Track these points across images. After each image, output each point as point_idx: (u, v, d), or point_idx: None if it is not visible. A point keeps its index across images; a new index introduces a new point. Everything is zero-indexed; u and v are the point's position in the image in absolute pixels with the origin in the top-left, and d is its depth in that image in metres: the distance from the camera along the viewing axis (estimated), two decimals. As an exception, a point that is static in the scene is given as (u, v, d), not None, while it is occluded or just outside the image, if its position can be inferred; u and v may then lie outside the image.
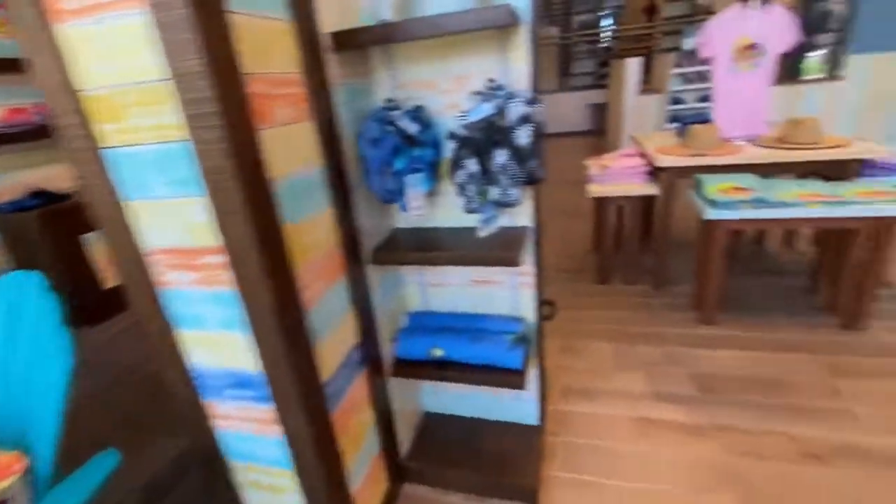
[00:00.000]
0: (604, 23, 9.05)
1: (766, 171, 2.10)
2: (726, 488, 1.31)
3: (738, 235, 2.95)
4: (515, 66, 1.10)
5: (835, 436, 1.45)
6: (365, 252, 1.17)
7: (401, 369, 1.32)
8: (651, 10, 8.11)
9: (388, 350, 1.33)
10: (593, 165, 2.61)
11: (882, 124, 3.98)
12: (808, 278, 2.36)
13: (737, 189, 1.90)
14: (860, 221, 1.76)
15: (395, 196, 1.08)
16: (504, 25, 0.92)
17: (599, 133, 7.26)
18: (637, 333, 2.11)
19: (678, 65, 4.79)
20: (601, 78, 8.09)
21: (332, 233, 1.03)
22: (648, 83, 5.46)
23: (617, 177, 2.43)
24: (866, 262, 1.85)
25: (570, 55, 8.91)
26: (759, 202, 1.82)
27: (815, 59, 4.25)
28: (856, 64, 3.85)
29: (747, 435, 1.49)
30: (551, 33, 8.30)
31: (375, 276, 1.24)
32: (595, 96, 7.57)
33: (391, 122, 1.04)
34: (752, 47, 2.35)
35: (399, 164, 1.04)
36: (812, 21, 4.17)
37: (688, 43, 5.03)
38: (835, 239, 2.08)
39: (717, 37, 2.32)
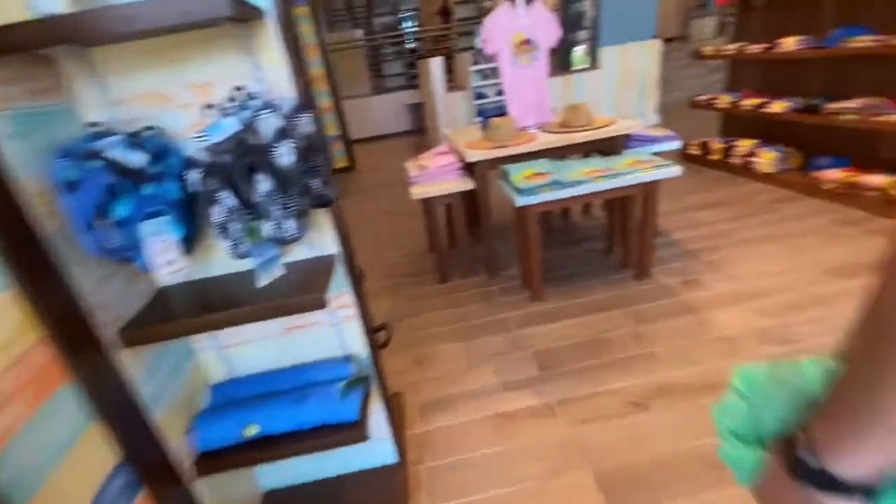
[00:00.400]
0: (405, 24, 9.36)
1: (557, 153, 2.32)
2: (578, 462, 1.37)
3: (547, 214, 3.27)
4: (270, 68, 0.91)
5: (647, 380, 1.65)
6: (107, 335, 0.85)
7: (206, 466, 1.03)
8: (445, 13, 8.69)
9: (184, 446, 1.02)
10: (412, 167, 2.57)
11: (632, 103, 4.92)
12: (605, 240, 2.72)
13: (536, 174, 2.05)
14: (632, 188, 2.05)
15: (128, 253, 0.79)
16: (229, 18, 0.72)
17: (421, 131, 7.47)
18: (481, 325, 2.14)
19: (475, 62, 5.14)
20: (413, 78, 8.33)
21: (24, 326, 0.70)
22: (453, 81, 5.78)
23: (435, 176, 2.43)
24: (642, 220, 2.18)
25: (380, 57, 8.99)
26: (556, 184, 1.98)
27: (579, 52, 4.99)
28: (606, 55, 4.65)
29: (583, 401, 1.59)
30: (356, 35, 8.22)
31: (138, 359, 0.92)
32: (410, 96, 7.76)
33: (98, 155, 0.74)
34: (526, 43, 2.57)
35: (122, 209, 0.75)
36: (571, 20, 4.88)
37: (478, 42, 5.44)
38: (618, 204, 2.42)
39: (496, 34, 2.47)
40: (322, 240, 1.07)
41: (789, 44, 2.98)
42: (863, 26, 2.60)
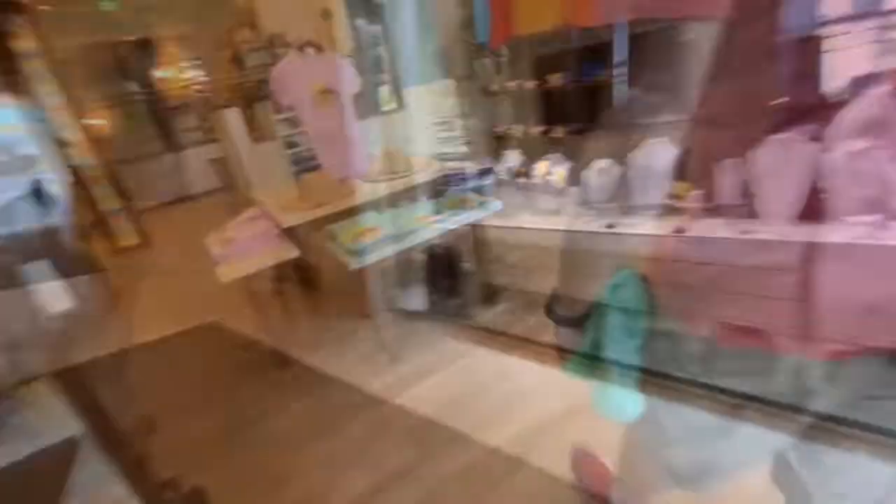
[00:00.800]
0: (192, 74, 8.40)
1: (383, 204, 2.20)
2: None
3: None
4: None
5: (522, 424, 1.58)
6: None
7: None
8: (237, 60, 8.07)
9: None
10: (214, 243, 2.13)
11: (441, 140, 5.21)
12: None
13: (367, 231, 1.87)
14: (463, 227, 2.04)
15: None
16: None
17: (234, 187, 6.69)
18: (340, 411, 1.83)
19: (278, 111, 4.81)
20: (211, 130, 7.47)
21: None
22: (258, 131, 5.32)
23: (247, 249, 2.05)
24: (477, 252, 2.20)
25: (166, 111, 7.85)
26: (390, 238, 1.83)
27: (385, 93, 5.10)
28: (410, 95, 4.85)
29: (468, 474, 1.45)
30: (131, 89, 7.02)
31: None
32: (215, 150, 6.91)
33: None
34: (327, 91, 2.41)
35: None
36: (371, 63, 4.97)
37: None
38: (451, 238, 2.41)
39: (290, 86, 2.26)
40: (47, 421, 0.68)
41: (555, 79, 3.49)
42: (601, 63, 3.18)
